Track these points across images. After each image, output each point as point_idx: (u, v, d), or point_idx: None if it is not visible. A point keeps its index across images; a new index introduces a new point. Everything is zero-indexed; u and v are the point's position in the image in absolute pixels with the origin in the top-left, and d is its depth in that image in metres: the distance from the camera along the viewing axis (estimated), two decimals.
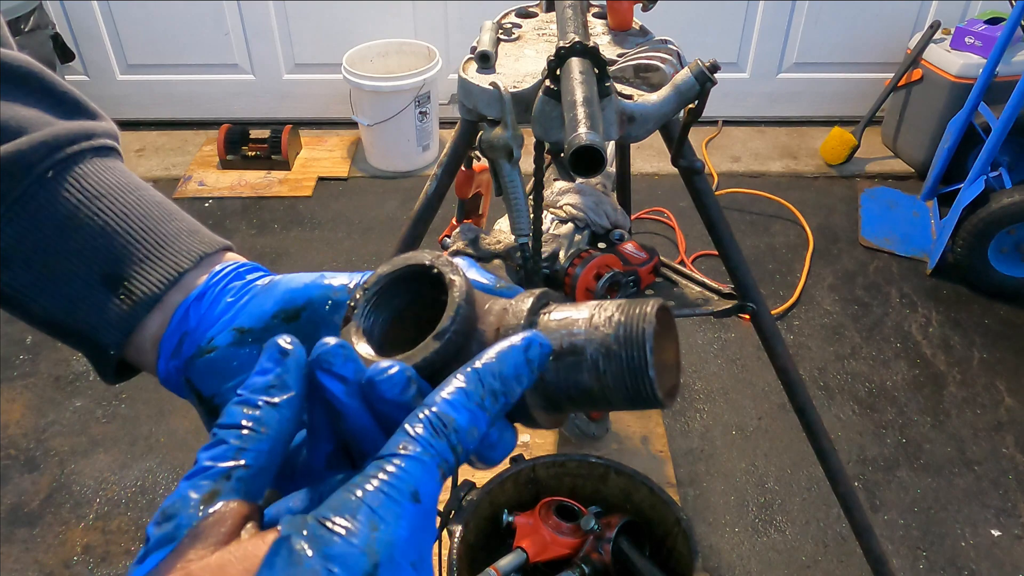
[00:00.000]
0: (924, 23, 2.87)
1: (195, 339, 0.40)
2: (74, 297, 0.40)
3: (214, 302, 0.41)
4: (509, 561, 1.32)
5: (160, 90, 3.11)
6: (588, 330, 0.33)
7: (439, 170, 1.12)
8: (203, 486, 0.28)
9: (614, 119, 0.89)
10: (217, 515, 0.27)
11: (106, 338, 0.41)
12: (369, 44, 2.85)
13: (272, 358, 0.32)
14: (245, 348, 0.40)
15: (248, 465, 0.29)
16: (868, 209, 2.71)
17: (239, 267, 0.43)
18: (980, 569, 1.65)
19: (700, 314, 1.21)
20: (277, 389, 0.31)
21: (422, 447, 0.29)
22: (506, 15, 1.18)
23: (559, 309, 0.35)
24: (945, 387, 2.08)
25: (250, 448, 0.30)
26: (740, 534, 1.71)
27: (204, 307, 0.41)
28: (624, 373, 0.32)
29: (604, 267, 1.17)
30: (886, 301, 2.35)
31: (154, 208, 0.42)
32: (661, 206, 2.69)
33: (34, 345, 2.17)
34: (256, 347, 0.40)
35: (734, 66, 3.09)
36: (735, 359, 2.15)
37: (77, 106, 0.43)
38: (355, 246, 2.55)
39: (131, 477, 1.82)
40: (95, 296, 0.40)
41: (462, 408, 0.30)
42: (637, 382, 0.33)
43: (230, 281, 0.42)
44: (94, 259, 0.40)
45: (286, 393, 0.31)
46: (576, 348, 0.33)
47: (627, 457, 1.81)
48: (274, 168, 2.89)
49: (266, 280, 0.42)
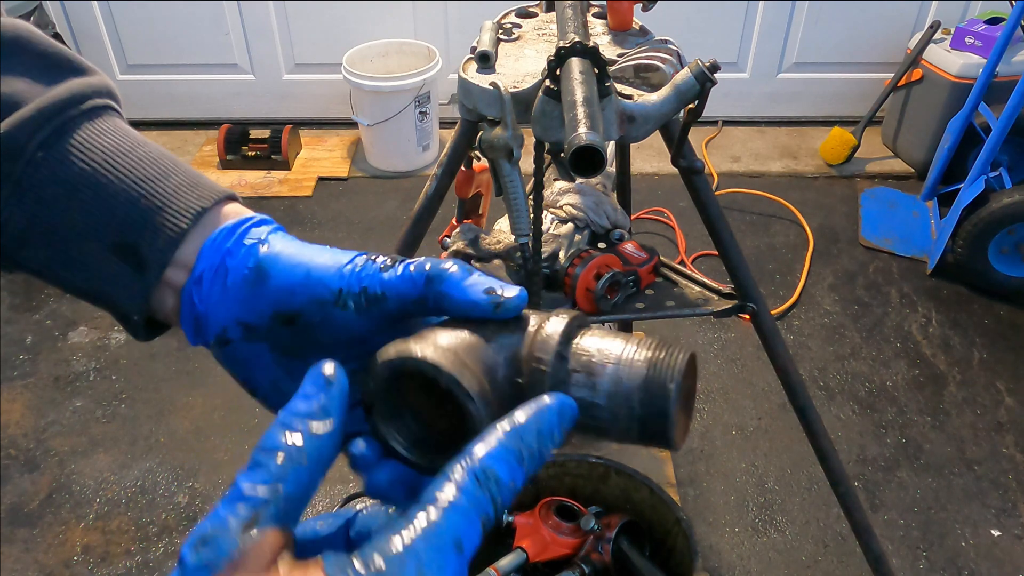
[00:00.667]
0: (924, 23, 2.87)
1: (209, 324, 0.41)
2: (92, 268, 0.40)
3: (212, 283, 0.40)
4: (509, 561, 1.32)
5: (160, 90, 3.11)
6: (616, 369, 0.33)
7: (439, 170, 1.12)
8: (242, 513, 0.28)
9: (614, 119, 0.89)
10: (256, 544, 0.27)
11: (127, 306, 0.41)
12: (369, 44, 2.85)
13: (315, 383, 0.32)
14: (256, 344, 0.40)
15: (287, 493, 0.29)
16: (868, 209, 2.71)
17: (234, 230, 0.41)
18: (980, 569, 1.65)
19: (700, 314, 1.21)
20: (319, 417, 0.31)
21: (466, 497, 0.28)
22: (506, 15, 1.18)
23: (590, 336, 0.35)
24: (945, 387, 2.08)
25: (289, 476, 0.29)
26: (740, 534, 1.71)
27: (204, 290, 0.40)
28: (644, 420, 0.33)
29: (604, 267, 1.17)
30: (886, 301, 2.35)
31: (150, 167, 0.41)
32: (661, 206, 2.69)
33: (34, 345, 2.17)
34: (266, 345, 0.40)
35: (734, 66, 3.09)
36: (735, 359, 2.15)
37: (68, 64, 0.42)
38: (355, 246, 2.52)
39: (131, 477, 1.82)
40: (110, 266, 0.40)
41: (503, 462, 0.30)
42: (654, 430, 0.33)
43: (223, 259, 0.40)
44: (101, 230, 0.39)
45: (327, 420, 0.31)
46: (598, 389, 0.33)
47: (627, 457, 1.81)
48: (274, 168, 2.89)
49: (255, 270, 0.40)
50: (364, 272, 0.38)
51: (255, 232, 0.41)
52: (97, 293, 0.41)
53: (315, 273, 0.39)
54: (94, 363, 2.12)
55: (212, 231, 0.41)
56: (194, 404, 2.00)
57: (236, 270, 0.40)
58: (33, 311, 2.29)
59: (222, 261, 0.40)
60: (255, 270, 0.40)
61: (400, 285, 0.37)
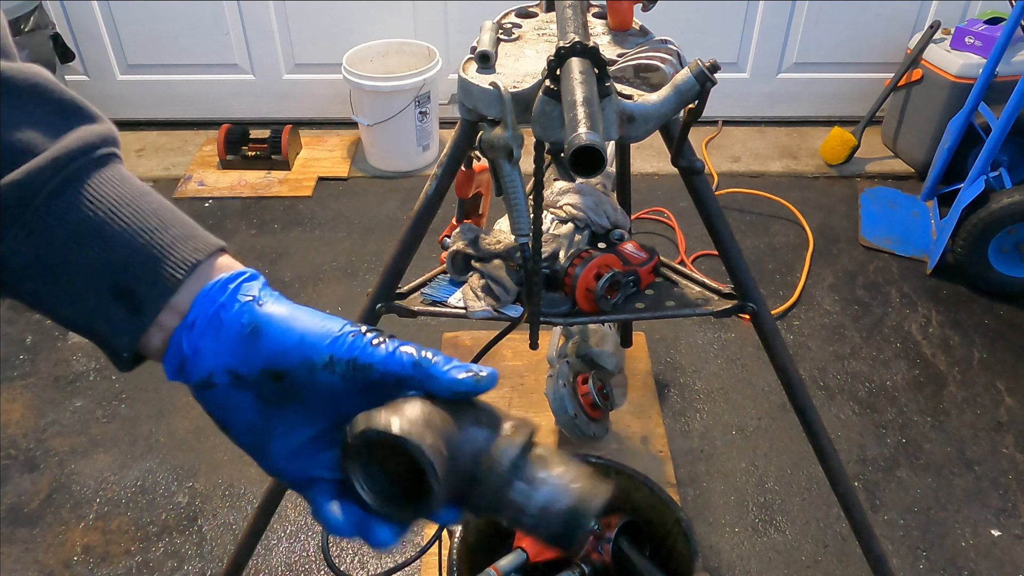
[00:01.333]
0: (924, 23, 2.87)
1: (194, 367, 0.44)
2: (89, 306, 0.43)
3: (204, 332, 0.44)
4: (509, 561, 1.32)
5: (160, 90, 3.11)
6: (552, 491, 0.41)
7: (439, 170, 1.12)
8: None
9: (614, 119, 0.89)
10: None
11: (118, 343, 0.44)
12: (369, 44, 2.85)
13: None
14: (241, 391, 0.44)
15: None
16: (868, 209, 2.71)
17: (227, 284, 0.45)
18: (980, 569, 1.65)
19: (700, 314, 1.21)
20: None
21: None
22: (506, 15, 1.18)
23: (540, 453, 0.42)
24: (945, 387, 2.08)
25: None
26: (740, 534, 1.71)
27: (195, 336, 0.44)
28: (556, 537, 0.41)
29: (604, 267, 1.17)
30: (886, 301, 2.35)
31: (151, 218, 0.44)
32: (661, 206, 2.69)
33: (34, 345, 2.17)
34: (251, 393, 0.44)
35: (734, 66, 3.09)
36: (735, 359, 2.15)
37: (77, 112, 0.44)
38: (355, 246, 2.55)
39: (131, 477, 1.82)
40: (106, 306, 0.43)
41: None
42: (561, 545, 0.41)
43: (217, 311, 0.44)
44: (102, 273, 0.43)
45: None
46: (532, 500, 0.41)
47: (627, 457, 1.81)
48: (274, 168, 2.89)
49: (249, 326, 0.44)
50: (355, 344, 0.43)
51: (247, 288, 0.45)
52: (89, 328, 0.44)
53: (308, 339, 0.43)
54: (94, 363, 2.12)
55: (206, 282, 0.44)
56: (194, 404, 1.97)
57: (231, 323, 0.44)
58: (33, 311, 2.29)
59: (216, 312, 0.44)
60: (250, 327, 0.43)
61: (389, 363, 0.42)
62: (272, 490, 1.35)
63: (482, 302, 1.17)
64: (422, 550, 0.96)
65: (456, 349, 2.11)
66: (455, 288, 1.23)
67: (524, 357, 2.08)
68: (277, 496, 1.36)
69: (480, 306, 1.17)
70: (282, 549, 1.68)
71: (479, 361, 1.07)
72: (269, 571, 1.64)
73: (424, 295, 1.23)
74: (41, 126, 0.42)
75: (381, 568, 1.63)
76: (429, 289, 1.24)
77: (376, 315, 1.19)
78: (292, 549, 1.68)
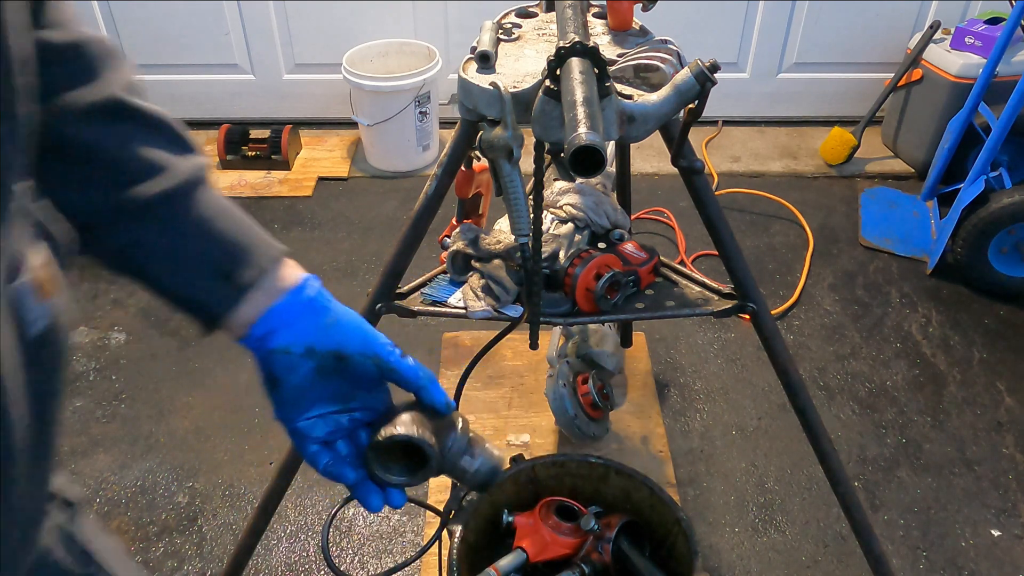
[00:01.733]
0: (924, 23, 2.87)
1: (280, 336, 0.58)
2: (196, 283, 0.58)
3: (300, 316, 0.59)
4: (509, 561, 1.32)
5: (160, 90, 3.10)
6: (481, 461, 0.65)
7: (439, 170, 1.12)
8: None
9: (614, 119, 0.89)
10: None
11: (217, 311, 0.58)
12: (369, 44, 2.85)
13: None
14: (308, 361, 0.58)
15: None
16: (868, 209, 2.71)
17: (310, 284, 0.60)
18: (980, 569, 1.65)
19: (700, 314, 1.21)
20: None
21: None
22: (506, 15, 1.18)
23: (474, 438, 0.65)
24: (945, 387, 2.08)
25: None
26: (740, 534, 1.71)
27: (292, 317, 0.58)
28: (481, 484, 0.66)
29: (604, 267, 1.17)
30: (886, 301, 2.35)
31: (242, 224, 0.60)
32: (661, 206, 2.69)
33: None
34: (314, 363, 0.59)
35: (734, 66, 3.09)
36: (735, 359, 2.15)
37: (188, 144, 0.60)
38: (355, 246, 2.55)
39: (131, 477, 1.82)
40: (211, 284, 0.58)
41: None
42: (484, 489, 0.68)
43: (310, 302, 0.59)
44: (210, 259, 0.58)
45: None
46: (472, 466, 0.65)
47: (627, 457, 1.81)
48: (274, 168, 2.89)
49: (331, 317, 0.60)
50: (392, 352, 0.61)
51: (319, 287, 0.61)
52: (191, 299, 0.58)
53: (368, 337, 0.60)
54: (94, 363, 2.12)
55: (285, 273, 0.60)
56: (194, 404, 2.00)
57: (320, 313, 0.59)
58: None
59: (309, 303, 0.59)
60: (331, 317, 0.59)
61: (408, 373, 0.61)
62: (272, 490, 1.36)
63: (482, 302, 1.17)
64: (422, 550, 0.96)
65: (456, 349, 2.11)
66: (455, 288, 1.23)
67: (524, 357, 2.08)
68: (277, 496, 1.36)
69: (480, 306, 1.17)
70: (282, 549, 1.68)
71: (479, 360, 1.07)
72: (269, 571, 1.64)
73: (424, 295, 1.23)
74: (165, 149, 0.57)
75: (381, 568, 1.63)
76: (429, 289, 1.24)
77: (376, 315, 1.19)
78: (292, 549, 1.68)
